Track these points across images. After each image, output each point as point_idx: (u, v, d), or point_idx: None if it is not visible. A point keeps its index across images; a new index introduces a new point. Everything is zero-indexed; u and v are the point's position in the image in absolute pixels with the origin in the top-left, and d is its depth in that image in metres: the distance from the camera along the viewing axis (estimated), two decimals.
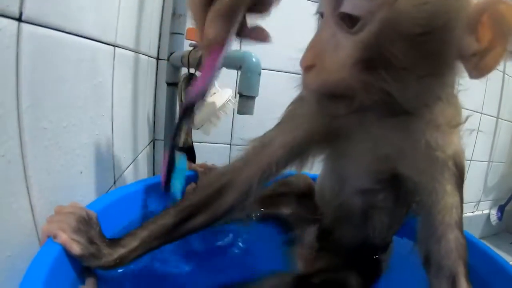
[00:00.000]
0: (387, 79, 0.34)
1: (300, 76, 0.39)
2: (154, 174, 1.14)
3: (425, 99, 0.40)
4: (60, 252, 0.40)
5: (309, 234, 0.60)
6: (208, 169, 0.71)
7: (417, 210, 0.46)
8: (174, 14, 0.96)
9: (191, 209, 0.49)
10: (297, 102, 0.50)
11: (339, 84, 0.35)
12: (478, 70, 0.34)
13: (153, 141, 1.13)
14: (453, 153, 0.43)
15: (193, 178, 0.70)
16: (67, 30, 0.45)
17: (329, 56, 0.35)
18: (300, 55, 0.38)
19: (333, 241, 0.56)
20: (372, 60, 0.33)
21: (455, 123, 0.43)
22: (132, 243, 0.46)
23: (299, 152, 0.49)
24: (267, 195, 0.66)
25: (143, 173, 1.02)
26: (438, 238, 0.42)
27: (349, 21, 0.34)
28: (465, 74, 0.36)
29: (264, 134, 0.52)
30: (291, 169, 0.51)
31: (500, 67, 1.96)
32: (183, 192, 0.58)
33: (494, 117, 2.06)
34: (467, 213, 2.08)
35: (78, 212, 0.44)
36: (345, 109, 0.38)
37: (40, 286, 0.34)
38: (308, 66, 0.36)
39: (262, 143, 0.50)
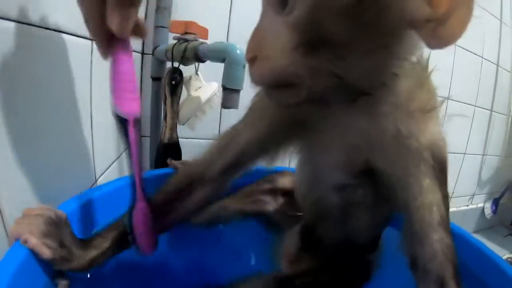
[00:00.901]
0: (331, 60, 0.31)
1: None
2: None
3: (379, 76, 0.36)
4: (27, 256, 0.38)
5: (293, 232, 0.58)
6: None
7: (398, 208, 0.42)
8: (158, 7, 0.94)
9: (161, 206, 0.48)
10: (260, 93, 0.48)
11: (283, 72, 0.32)
12: (438, 39, 0.29)
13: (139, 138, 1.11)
14: (430, 143, 0.39)
15: None
16: (37, 24, 0.43)
17: (269, 45, 0.33)
18: None
19: (316, 239, 0.54)
20: (311, 41, 0.31)
21: (429, 108, 0.39)
22: (103, 244, 0.45)
23: (265, 145, 0.48)
24: (250, 192, 0.64)
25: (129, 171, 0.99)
26: (421, 239, 0.39)
27: (282, 3, 0.31)
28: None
29: (232, 127, 0.50)
30: (262, 163, 0.49)
31: (494, 59, 1.97)
32: None
33: (488, 110, 2.05)
34: (461, 207, 2.08)
35: (47, 214, 0.42)
36: (294, 98, 0.35)
37: None
38: (252, 58, 0.34)
39: (230, 137, 0.49)
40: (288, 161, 0.56)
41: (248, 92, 0.46)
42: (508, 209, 2.35)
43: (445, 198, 0.40)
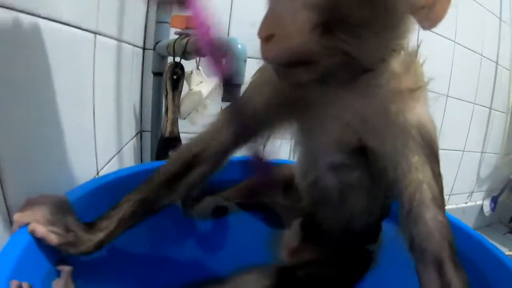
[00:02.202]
0: (346, 40, 0.34)
1: (259, 47, 0.37)
2: None
3: (382, 53, 0.39)
4: (30, 243, 0.39)
5: (294, 224, 0.59)
6: None
7: (392, 190, 0.43)
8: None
9: (163, 183, 0.50)
10: (260, 71, 0.50)
11: (301, 50, 0.35)
12: (429, 21, 0.36)
13: (140, 133, 1.11)
14: (417, 122, 0.40)
15: None
16: (42, 15, 0.44)
17: (287, 23, 0.34)
18: None
19: (316, 227, 0.55)
20: (330, 21, 0.33)
21: (416, 87, 0.41)
22: (110, 225, 0.46)
23: (264, 122, 0.49)
24: (251, 185, 0.65)
25: (129, 164, 1.00)
26: (415, 218, 0.39)
27: None
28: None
29: (230, 105, 0.52)
30: (261, 140, 0.51)
31: (493, 57, 1.97)
32: None
33: (487, 107, 2.06)
34: (460, 204, 2.08)
35: (50, 201, 0.43)
36: (308, 76, 0.37)
37: (5, 276, 0.33)
38: (268, 36, 0.35)
39: (228, 114, 0.51)
40: (288, 154, 0.56)
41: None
42: (507, 206, 2.35)
43: (437, 176, 0.41)
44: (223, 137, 0.49)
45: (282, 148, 0.54)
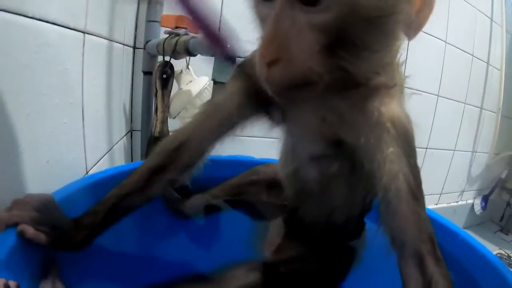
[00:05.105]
0: (348, 59, 0.35)
1: (260, 71, 0.36)
2: None
3: (377, 68, 0.40)
4: (17, 244, 0.39)
5: (278, 221, 0.59)
6: None
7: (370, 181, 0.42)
8: (150, 1, 0.95)
9: (146, 177, 0.50)
10: (245, 62, 0.49)
11: (308, 73, 0.35)
12: (413, 31, 0.38)
13: (131, 132, 1.11)
14: (392, 116, 0.40)
15: None
16: (29, 15, 0.44)
17: (294, 47, 0.34)
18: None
19: (298, 221, 0.55)
20: (335, 43, 0.34)
21: (392, 84, 0.42)
22: (96, 220, 0.47)
23: (248, 111, 0.49)
24: (236, 183, 0.65)
25: (120, 164, 0.99)
26: (392, 210, 0.39)
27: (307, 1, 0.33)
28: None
29: (215, 96, 0.54)
30: (246, 129, 0.51)
31: (485, 57, 1.99)
32: None
33: (478, 107, 2.07)
34: (451, 203, 2.10)
35: (36, 201, 0.44)
36: (311, 94, 0.38)
37: None
38: (273, 60, 0.35)
39: (214, 104, 0.51)
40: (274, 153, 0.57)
41: None
42: (498, 205, 2.38)
43: (414, 168, 0.41)
44: (204, 130, 0.50)
45: (264, 146, 0.54)
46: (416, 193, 0.40)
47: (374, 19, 0.34)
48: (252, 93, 0.46)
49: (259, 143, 0.85)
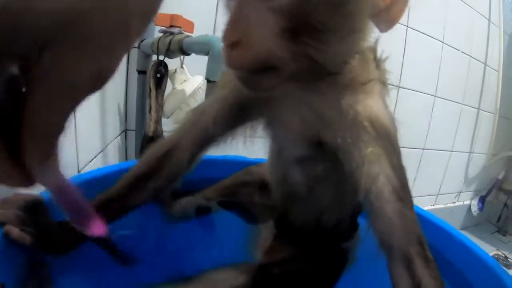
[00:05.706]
0: (312, 44, 0.34)
1: (224, 54, 0.36)
2: None
3: (345, 57, 0.39)
4: (2, 244, 0.39)
5: (269, 223, 0.59)
6: None
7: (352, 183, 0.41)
8: None
9: (134, 182, 0.49)
10: (226, 72, 0.49)
11: (268, 57, 0.34)
12: (386, 23, 0.39)
13: (125, 131, 1.11)
14: (369, 114, 0.39)
15: None
16: None
17: (254, 30, 0.34)
18: None
19: (289, 224, 0.55)
20: (295, 27, 0.33)
21: (367, 80, 0.41)
22: None
23: (231, 120, 0.48)
24: (229, 184, 0.65)
25: (114, 163, 0.99)
26: (376, 213, 0.38)
27: None
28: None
29: (201, 103, 0.52)
30: (231, 137, 0.50)
31: (482, 58, 1.99)
32: None
33: (475, 108, 2.07)
34: (448, 204, 2.10)
35: (24, 201, 0.43)
36: (274, 81, 0.37)
37: None
38: (234, 42, 0.34)
39: (198, 112, 0.50)
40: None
41: None
42: (495, 206, 2.38)
43: (397, 168, 0.40)
44: (194, 135, 0.49)
45: (258, 146, 0.53)
46: (401, 194, 0.39)
47: (333, 1, 0.33)
48: (237, 101, 0.46)
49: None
